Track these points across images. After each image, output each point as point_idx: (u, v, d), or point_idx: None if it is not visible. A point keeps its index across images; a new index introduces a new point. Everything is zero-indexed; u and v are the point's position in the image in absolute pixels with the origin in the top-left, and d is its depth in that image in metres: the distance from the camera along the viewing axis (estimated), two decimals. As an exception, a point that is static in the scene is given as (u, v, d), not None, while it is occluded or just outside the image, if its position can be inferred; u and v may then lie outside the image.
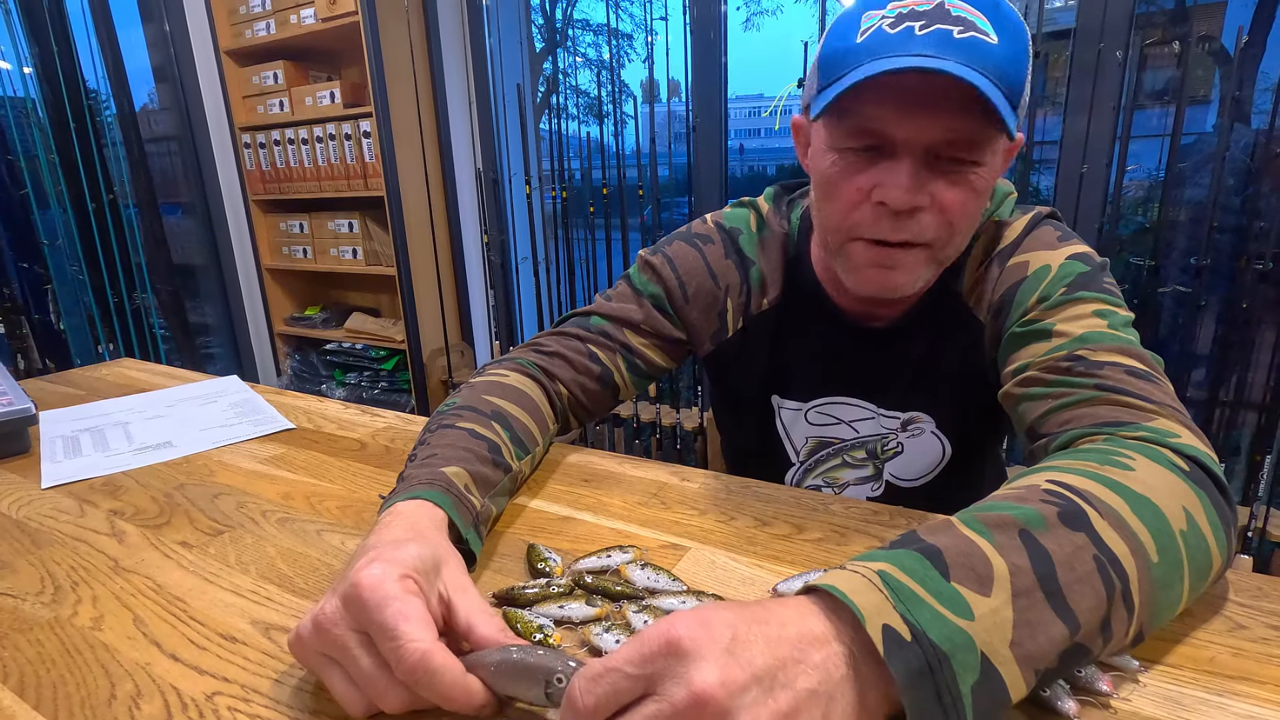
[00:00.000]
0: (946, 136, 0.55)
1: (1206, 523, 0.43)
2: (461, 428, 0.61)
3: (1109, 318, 0.59)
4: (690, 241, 0.79)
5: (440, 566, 0.42)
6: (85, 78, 2.23)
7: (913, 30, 0.53)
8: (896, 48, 0.53)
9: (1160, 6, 1.66)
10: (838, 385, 0.76)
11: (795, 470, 0.82)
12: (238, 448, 0.83)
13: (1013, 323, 0.64)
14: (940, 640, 0.32)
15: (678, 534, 0.58)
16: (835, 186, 0.61)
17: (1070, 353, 0.58)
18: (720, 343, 0.79)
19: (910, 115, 0.55)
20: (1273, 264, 1.46)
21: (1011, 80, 0.54)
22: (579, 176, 2.24)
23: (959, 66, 0.51)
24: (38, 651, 0.46)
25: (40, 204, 2.20)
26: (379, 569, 0.38)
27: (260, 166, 2.59)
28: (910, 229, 0.59)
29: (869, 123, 0.57)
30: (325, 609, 0.38)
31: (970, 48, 0.52)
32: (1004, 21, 0.54)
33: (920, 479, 0.78)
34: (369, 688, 0.37)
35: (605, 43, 2.20)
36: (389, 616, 0.36)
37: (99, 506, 0.68)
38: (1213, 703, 0.38)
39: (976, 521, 0.38)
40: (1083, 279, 0.62)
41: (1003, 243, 0.68)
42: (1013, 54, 0.54)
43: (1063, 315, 0.60)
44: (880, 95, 0.55)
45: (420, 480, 0.52)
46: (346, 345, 2.63)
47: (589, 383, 0.76)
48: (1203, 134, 1.66)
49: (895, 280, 0.62)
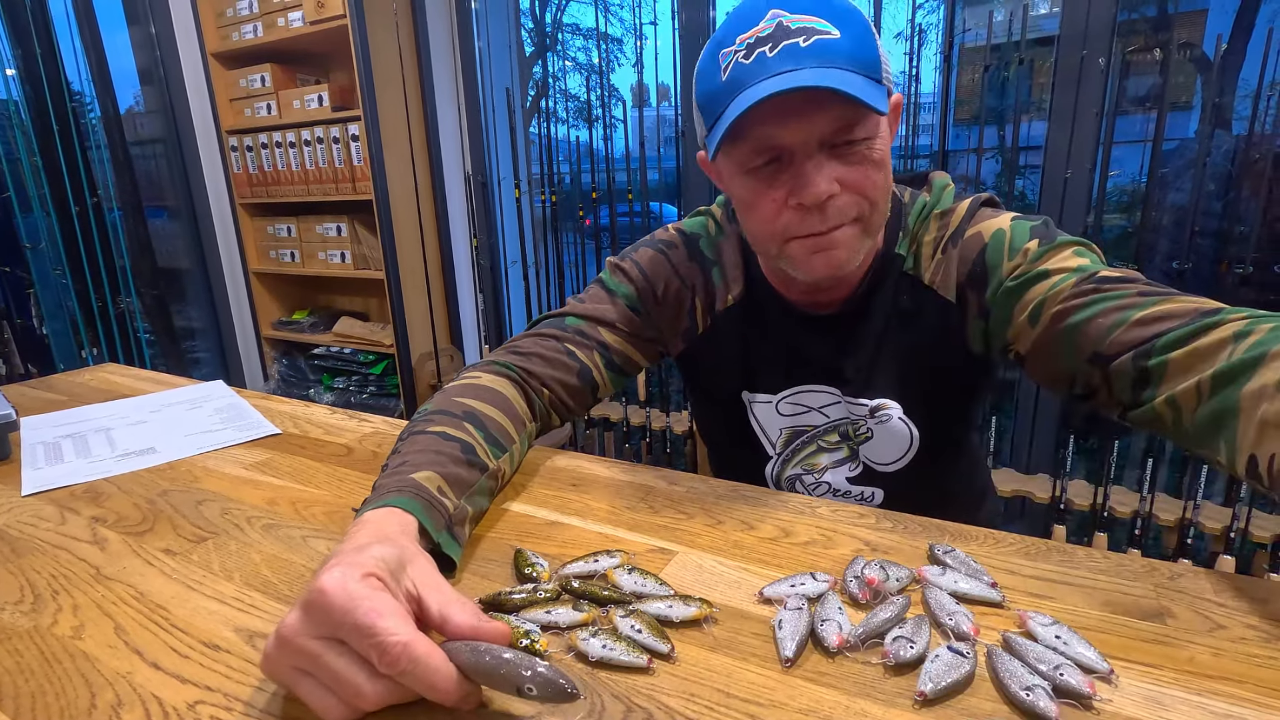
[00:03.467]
0: (830, 128, 0.60)
1: None
2: (432, 432, 0.61)
3: (1089, 255, 0.64)
4: (655, 247, 0.83)
5: (406, 565, 0.42)
6: (69, 80, 2.21)
7: (765, 55, 0.59)
8: (757, 74, 0.59)
9: (1142, 14, 1.68)
10: (802, 374, 0.79)
11: (774, 463, 0.84)
12: (223, 453, 0.82)
13: (999, 283, 0.66)
14: None
15: (665, 538, 0.58)
16: (755, 204, 0.66)
17: (1081, 279, 0.60)
18: (691, 340, 0.82)
19: (793, 124, 0.60)
20: (1253, 268, 1.48)
21: (864, 60, 0.59)
22: (568, 180, 2.24)
23: (813, 72, 0.57)
24: (16, 661, 0.45)
25: (23, 207, 2.17)
26: (339, 572, 0.38)
27: (247, 170, 2.58)
28: (833, 215, 0.63)
29: (761, 141, 0.62)
30: (287, 622, 0.38)
31: (819, 51, 0.58)
32: (838, 13, 0.60)
33: (894, 463, 0.80)
34: (343, 689, 0.37)
35: (595, 47, 2.21)
36: (363, 615, 0.36)
37: (80, 514, 0.67)
38: (1193, 702, 0.38)
39: None
40: (1040, 230, 0.67)
41: (951, 227, 0.72)
42: (857, 37, 0.59)
43: (1049, 260, 0.64)
44: (763, 115, 0.60)
45: (389, 489, 0.52)
46: (334, 349, 2.62)
47: (569, 379, 0.77)
48: (1184, 140, 1.68)
49: (839, 258, 0.65)
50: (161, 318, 2.56)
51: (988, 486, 0.94)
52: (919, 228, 0.73)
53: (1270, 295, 1.49)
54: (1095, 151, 1.57)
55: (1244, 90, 1.52)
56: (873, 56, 0.60)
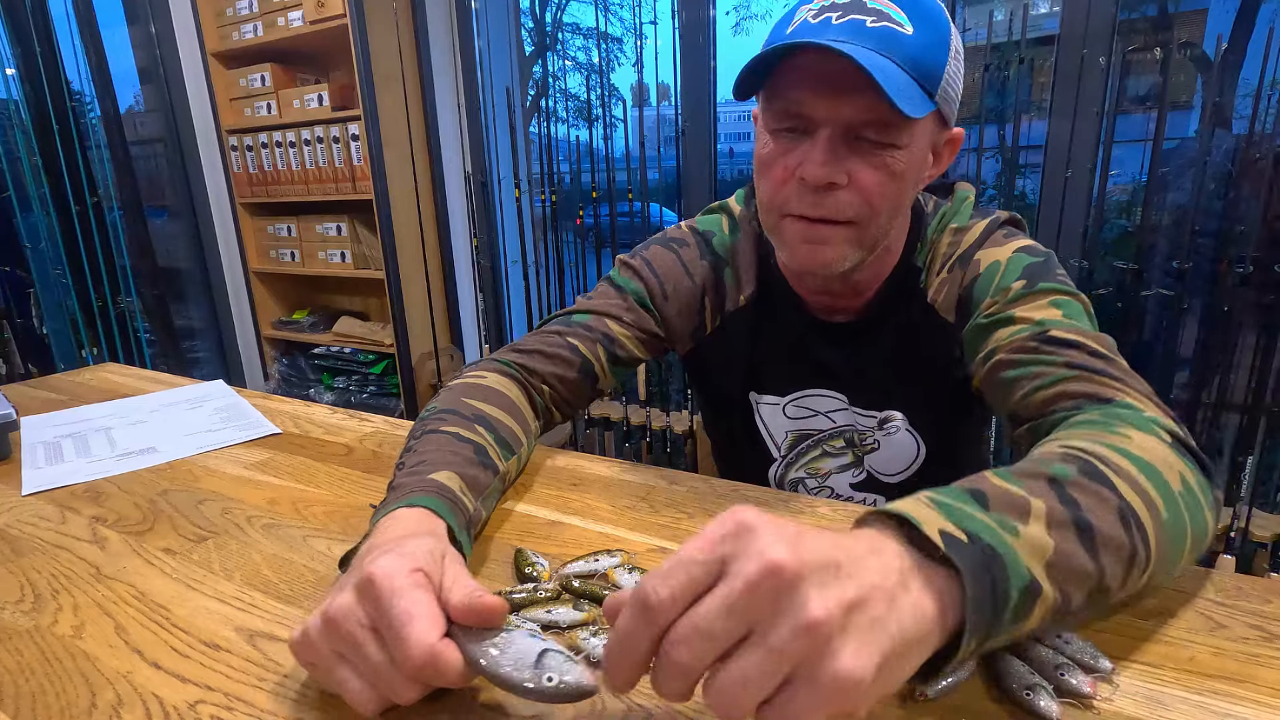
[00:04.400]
0: (860, 117, 0.58)
1: (1198, 488, 0.46)
2: (446, 432, 0.61)
3: (1064, 307, 0.62)
4: (666, 245, 0.82)
5: (445, 561, 0.42)
6: (69, 79, 2.21)
7: (830, 20, 0.58)
8: (814, 34, 0.58)
9: (1143, 13, 1.68)
10: (811, 378, 0.78)
11: (778, 465, 0.84)
12: (223, 453, 0.82)
13: (975, 317, 0.66)
14: (993, 543, 0.34)
15: (665, 538, 0.58)
16: (767, 166, 0.64)
17: (1033, 334, 0.60)
18: (700, 340, 0.81)
19: (824, 96, 0.59)
20: (1253, 267, 1.48)
21: (925, 66, 0.58)
22: (568, 180, 2.24)
23: (858, 49, 0.55)
24: (17, 661, 0.45)
25: (23, 207, 2.18)
26: (390, 561, 0.38)
27: (248, 169, 2.58)
28: (828, 205, 0.62)
29: (791, 105, 0.61)
30: (336, 602, 0.38)
31: (881, 36, 0.57)
32: (921, 13, 0.59)
33: (899, 475, 0.80)
34: (382, 682, 0.37)
35: (595, 46, 2.20)
36: (397, 614, 0.36)
37: (81, 513, 0.67)
38: (1193, 701, 0.38)
39: (1008, 474, 0.40)
40: (1033, 269, 0.65)
41: (961, 247, 0.71)
42: (928, 42, 0.58)
43: (1021, 306, 0.63)
44: (799, 79, 0.59)
45: (414, 488, 0.52)
46: (335, 349, 2.62)
47: (568, 373, 0.76)
48: (1185, 139, 1.68)
49: (824, 255, 0.64)
50: (161, 317, 2.56)
51: None
52: (935, 239, 0.72)
53: (1270, 295, 1.49)
54: (1095, 151, 1.57)
55: (1244, 90, 1.52)
56: (936, 67, 0.58)
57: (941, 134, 0.64)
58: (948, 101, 0.61)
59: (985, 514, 0.35)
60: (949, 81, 0.60)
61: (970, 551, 0.33)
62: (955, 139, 0.65)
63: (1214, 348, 1.55)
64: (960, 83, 0.62)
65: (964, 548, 0.33)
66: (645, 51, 2.08)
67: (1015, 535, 0.35)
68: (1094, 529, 0.38)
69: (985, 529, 0.34)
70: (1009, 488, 0.38)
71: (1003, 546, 0.34)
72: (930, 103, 0.59)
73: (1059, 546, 0.36)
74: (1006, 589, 0.33)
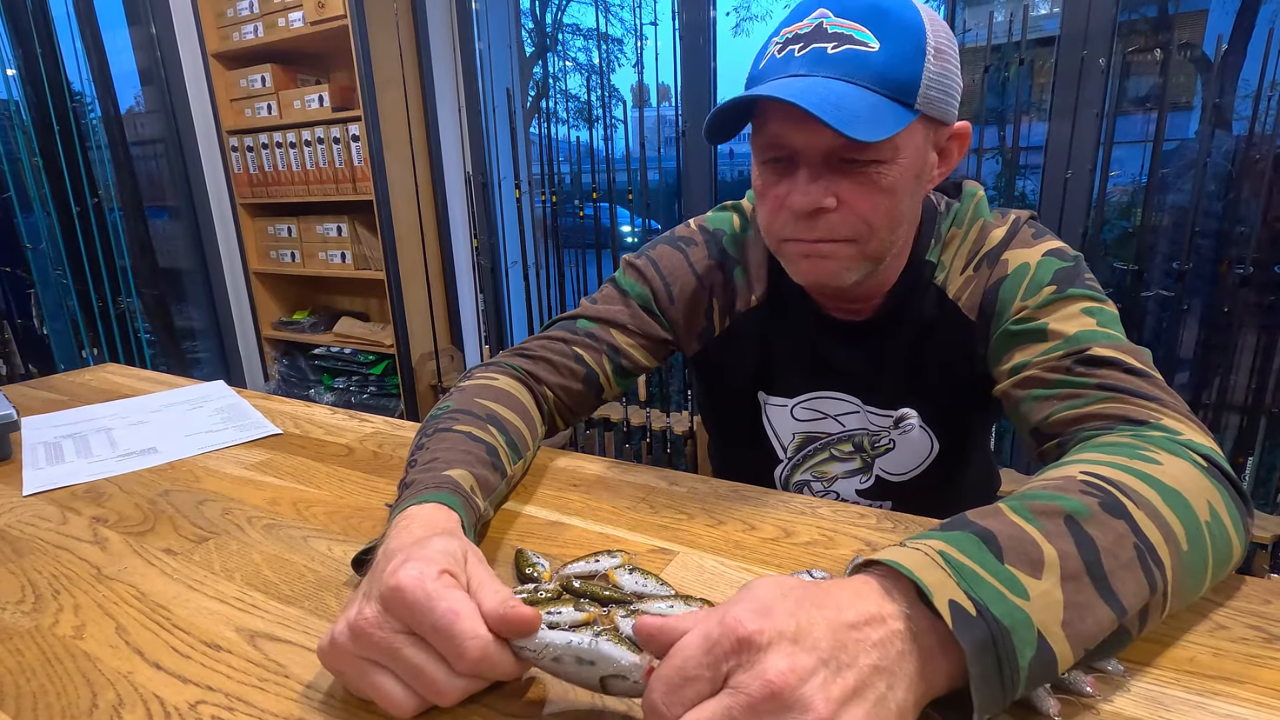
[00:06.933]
0: (835, 143, 0.59)
1: (1226, 515, 0.46)
2: (459, 431, 0.61)
3: (1098, 315, 0.61)
4: (673, 244, 0.80)
5: (467, 558, 0.42)
6: (70, 80, 2.21)
7: (793, 54, 0.59)
8: (778, 71, 0.59)
9: (1143, 14, 1.68)
10: (823, 380, 0.77)
11: (783, 466, 0.83)
12: (223, 453, 0.82)
13: (1004, 322, 0.65)
14: (1002, 616, 0.34)
15: (666, 538, 0.58)
16: (762, 196, 0.66)
17: (1067, 352, 0.59)
18: (707, 342, 0.80)
19: (799, 128, 0.59)
20: (1253, 268, 1.48)
21: (896, 80, 0.57)
22: (569, 180, 2.24)
23: (816, 82, 0.56)
24: (18, 661, 0.45)
25: (24, 208, 2.18)
26: (416, 568, 0.38)
27: (248, 170, 2.58)
28: (820, 228, 0.62)
29: (773, 138, 0.62)
30: (364, 613, 0.38)
31: (843, 61, 0.57)
32: (889, 25, 0.57)
33: (909, 473, 0.79)
34: (423, 684, 0.37)
35: (595, 47, 2.21)
36: (442, 615, 0.36)
37: (81, 514, 0.67)
38: (1193, 702, 0.38)
39: (1024, 509, 0.40)
40: (1064, 274, 0.64)
41: (987, 245, 0.70)
42: (898, 53, 0.57)
43: (1054, 315, 0.62)
44: (776, 114, 0.60)
45: (428, 485, 0.52)
46: (335, 350, 2.62)
47: (573, 384, 0.76)
48: (1185, 140, 1.68)
49: (828, 269, 0.65)
50: (162, 318, 2.57)
51: (997, 497, 0.93)
52: (950, 236, 0.71)
53: (1270, 296, 1.49)
54: (1096, 152, 1.57)
55: (1244, 90, 1.52)
56: (910, 77, 0.57)
57: (942, 132, 0.63)
58: (938, 102, 0.59)
59: (997, 571, 0.36)
60: (933, 83, 0.58)
61: (978, 628, 0.33)
62: (960, 133, 0.64)
63: (1214, 349, 1.55)
64: (953, 78, 0.61)
65: (972, 624, 0.33)
66: (645, 52, 2.08)
67: (1026, 599, 0.35)
68: (1108, 577, 0.38)
69: (995, 598, 0.34)
70: (1024, 531, 0.38)
71: (1011, 619, 0.34)
72: (909, 113, 0.58)
73: (1071, 601, 0.36)
74: (1015, 661, 0.34)
